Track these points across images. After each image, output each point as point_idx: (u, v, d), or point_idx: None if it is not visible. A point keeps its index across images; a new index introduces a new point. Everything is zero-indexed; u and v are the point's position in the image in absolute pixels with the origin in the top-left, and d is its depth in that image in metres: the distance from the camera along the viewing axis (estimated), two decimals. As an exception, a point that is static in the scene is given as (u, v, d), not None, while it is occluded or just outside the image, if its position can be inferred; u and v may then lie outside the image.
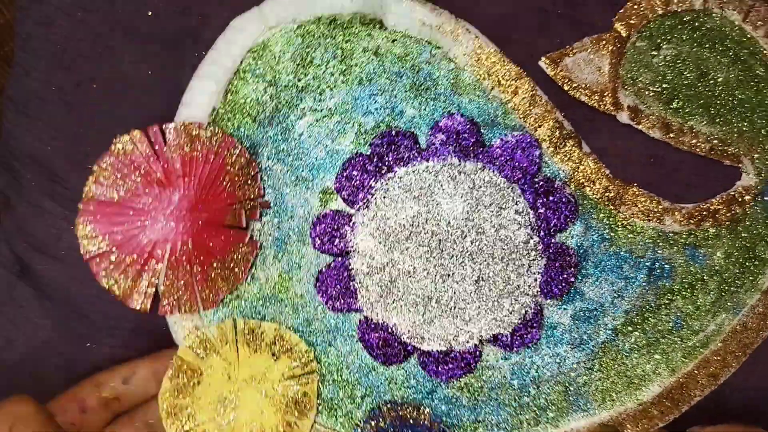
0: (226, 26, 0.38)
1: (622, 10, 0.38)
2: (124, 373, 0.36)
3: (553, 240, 0.37)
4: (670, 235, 0.37)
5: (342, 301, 0.37)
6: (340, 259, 0.37)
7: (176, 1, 0.39)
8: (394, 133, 0.37)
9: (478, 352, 0.37)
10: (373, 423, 0.37)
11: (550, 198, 0.37)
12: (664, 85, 0.38)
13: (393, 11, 0.38)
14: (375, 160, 0.37)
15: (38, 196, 0.39)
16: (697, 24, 0.38)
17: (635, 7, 0.38)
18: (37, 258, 0.39)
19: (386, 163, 0.37)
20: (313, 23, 0.38)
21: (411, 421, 0.37)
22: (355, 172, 0.37)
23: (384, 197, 0.37)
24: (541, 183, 0.37)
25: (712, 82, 0.38)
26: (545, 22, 0.39)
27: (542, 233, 0.37)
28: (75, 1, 0.39)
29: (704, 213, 0.37)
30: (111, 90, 0.39)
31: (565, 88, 0.38)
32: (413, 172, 0.37)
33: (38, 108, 0.39)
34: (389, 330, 0.37)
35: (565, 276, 0.37)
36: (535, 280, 0.37)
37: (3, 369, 0.39)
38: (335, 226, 0.37)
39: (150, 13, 0.39)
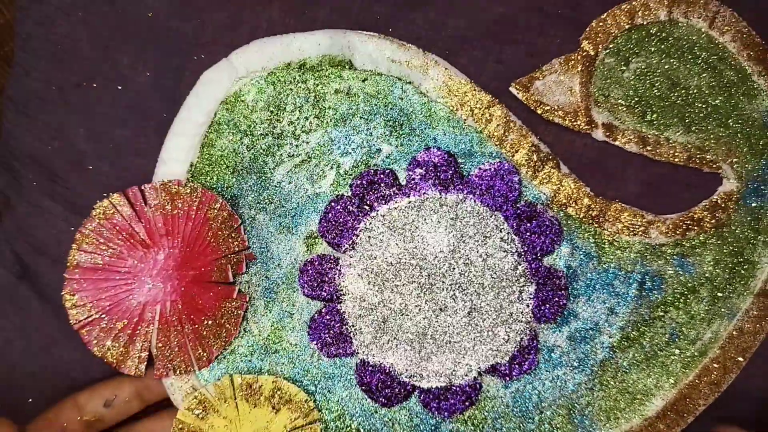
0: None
1: (588, 29, 0.38)
2: (106, 394, 0.36)
3: (541, 264, 0.37)
4: (657, 247, 0.37)
5: (336, 346, 0.37)
6: (330, 303, 0.37)
7: (176, 3, 0.39)
8: (372, 172, 0.37)
9: (478, 385, 0.37)
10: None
11: (534, 222, 0.37)
12: (637, 99, 0.38)
13: (361, 51, 0.38)
14: (356, 200, 0.37)
15: (38, 196, 0.39)
16: (664, 35, 0.38)
17: (601, 24, 0.38)
18: (37, 258, 0.39)
19: (368, 202, 0.37)
20: (282, 69, 0.38)
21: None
22: (337, 215, 0.37)
23: (369, 237, 0.37)
24: (524, 208, 0.37)
25: (684, 91, 0.38)
26: (545, 22, 0.39)
27: (529, 258, 0.37)
28: (75, 1, 0.39)
29: (689, 222, 0.37)
30: (111, 90, 0.39)
31: (539, 111, 0.38)
32: (395, 209, 0.37)
33: (38, 108, 0.39)
34: (387, 371, 0.37)
35: (556, 299, 0.37)
36: (528, 306, 0.37)
37: (3, 369, 0.39)
38: (322, 271, 0.37)
39: (150, 14, 0.39)
